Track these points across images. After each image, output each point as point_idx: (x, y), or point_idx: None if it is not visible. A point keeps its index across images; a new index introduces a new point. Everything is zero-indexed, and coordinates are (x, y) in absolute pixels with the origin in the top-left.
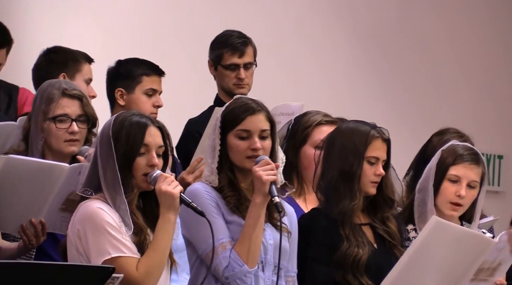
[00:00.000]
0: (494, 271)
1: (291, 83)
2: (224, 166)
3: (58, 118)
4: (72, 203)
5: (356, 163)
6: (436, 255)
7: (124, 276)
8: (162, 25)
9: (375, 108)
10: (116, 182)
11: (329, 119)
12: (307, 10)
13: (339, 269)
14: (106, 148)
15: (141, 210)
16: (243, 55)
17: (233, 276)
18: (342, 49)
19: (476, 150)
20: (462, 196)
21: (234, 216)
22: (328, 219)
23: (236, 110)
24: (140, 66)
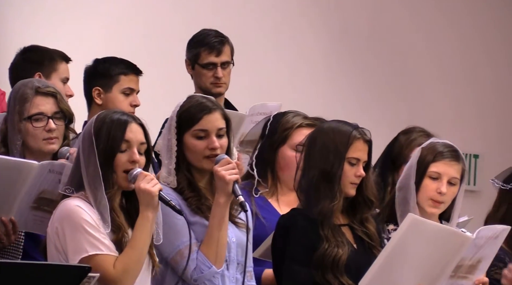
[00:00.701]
0: (474, 269)
1: (269, 82)
2: (182, 167)
3: (33, 117)
4: (44, 202)
5: (337, 163)
6: (414, 253)
7: (101, 274)
8: (139, 24)
9: (355, 108)
10: (97, 178)
11: (309, 122)
12: (288, 10)
13: (318, 269)
14: (88, 145)
15: (125, 209)
16: (220, 54)
17: (202, 278)
18: (322, 49)
19: (455, 148)
20: (443, 193)
21: (196, 217)
22: (307, 219)
23: (192, 109)
24: (117, 65)
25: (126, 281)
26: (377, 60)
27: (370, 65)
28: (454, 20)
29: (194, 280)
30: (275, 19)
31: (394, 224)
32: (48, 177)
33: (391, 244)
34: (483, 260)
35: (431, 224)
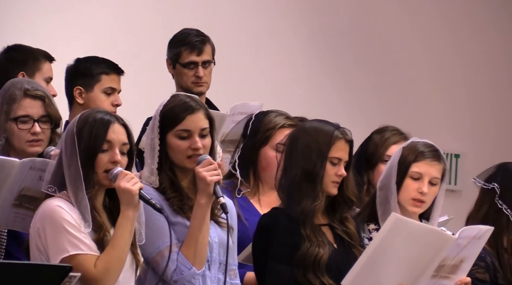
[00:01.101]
0: (456, 269)
1: (250, 82)
2: (164, 166)
3: (20, 119)
4: (25, 199)
5: (319, 163)
6: (397, 252)
7: (82, 273)
8: (120, 24)
9: (336, 108)
10: (78, 178)
11: (292, 123)
12: (268, 9)
13: (300, 268)
14: (70, 144)
15: (108, 209)
16: (201, 53)
17: (182, 279)
18: (303, 48)
19: (436, 147)
20: (424, 193)
21: (178, 217)
22: (289, 219)
23: (175, 109)
24: (99, 65)
25: (107, 280)
26: (357, 59)
27: (351, 64)
28: (433, 19)
29: (174, 281)
30: (256, 18)
31: (375, 223)
32: (30, 174)
33: (374, 243)
34: (465, 260)
35: (414, 223)
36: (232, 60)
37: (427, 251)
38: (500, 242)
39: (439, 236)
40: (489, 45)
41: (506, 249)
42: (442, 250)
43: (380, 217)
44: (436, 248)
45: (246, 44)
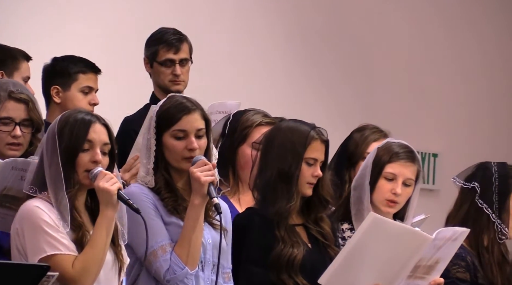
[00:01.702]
0: (431, 269)
1: (228, 80)
2: (160, 167)
3: (1, 120)
4: (7, 199)
5: (295, 164)
6: (374, 251)
7: (60, 273)
8: (97, 23)
9: (312, 107)
10: (58, 178)
11: (269, 120)
12: (249, 10)
13: (274, 269)
14: (51, 144)
15: (90, 209)
16: (178, 51)
17: (175, 279)
18: (282, 48)
19: (411, 148)
20: (398, 193)
21: (172, 218)
22: (263, 219)
23: (171, 109)
24: (76, 64)
25: (85, 280)
26: (335, 60)
27: (329, 65)
28: (409, 19)
29: (167, 281)
30: (233, 18)
31: (349, 223)
32: (11, 174)
33: (352, 242)
34: (441, 261)
35: (392, 223)
36: (209, 60)
37: (404, 251)
38: (480, 241)
39: (416, 236)
40: (465, 47)
41: (486, 248)
42: (418, 250)
43: (354, 216)
44: (413, 249)
45: (224, 44)
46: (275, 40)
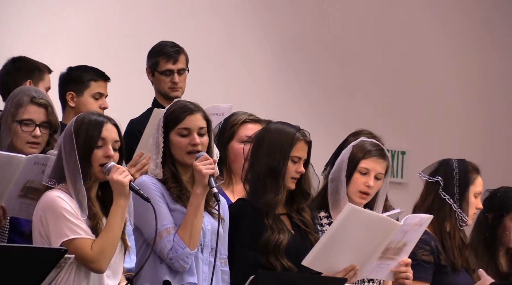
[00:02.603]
0: (400, 251)
1: (221, 87)
2: (167, 161)
3: (24, 121)
4: (30, 190)
5: (282, 161)
6: (350, 236)
7: (80, 255)
8: (106, 38)
9: (295, 111)
10: (76, 171)
11: (253, 118)
12: (237, 23)
13: (263, 252)
14: (68, 142)
15: (100, 199)
16: (176, 62)
17: (176, 257)
18: (267, 58)
19: (382, 146)
20: (370, 186)
21: (177, 205)
22: (254, 209)
23: (176, 111)
24: (88, 72)
25: (102, 260)
26: (314, 68)
27: (309, 74)
28: (380, 25)
29: (169, 259)
30: (228, 26)
31: (325, 211)
32: (34, 168)
33: (332, 229)
34: (408, 244)
35: (367, 212)
36: (204, 69)
37: (376, 236)
38: (443, 228)
39: (387, 223)
40: (434, 50)
41: (448, 234)
42: (389, 235)
43: (331, 205)
44: (384, 234)
45: (218, 54)
46: (261, 53)
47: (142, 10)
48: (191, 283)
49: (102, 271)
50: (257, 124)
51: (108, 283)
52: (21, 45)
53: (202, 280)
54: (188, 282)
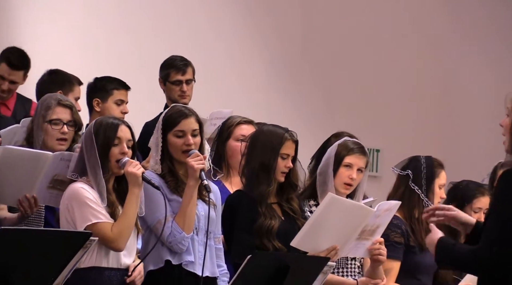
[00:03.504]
0: (374, 232)
1: (220, 95)
2: (165, 158)
3: (53, 121)
4: (57, 182)
5: (273, 158)
6: (331, 221)
7: (102, 236)
8: (127, 53)
9: (283, 114)
10: (96, 166)
11: (246, 120)
12: (234, 42)
13: (257, 236)
14: (89, 141)
15: (116, 190)
16: (185, 73)
17: (175, 241)
18: (259, 71)
19: (362, 144)
20: (354, 178)
21: (174, 196)
22: (249, 199)
23: (173, 115)
24: (112, 82)
25: (120, 241)
26: (306, 77)
27: (300, 81)
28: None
29: (169, 242)
30: (228, 44)
31: (314, 200)
32: (60, 164)
33: (315, 214)
34: (380, 226)
35: (345, 200)
36: (209, 79)
37: (353, 220)
38: (412, 214)
39: (363, 209)
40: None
41: (417, 219)
42: (364, 219)
43: (319, 195)
44: (360, 218)
45: (220, 64)
46: (254, 66)
47: (153, 31)
48: (189, 261)
49: (121, 250)
50: (250, 125)
51: (124, 261)
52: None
53: (198, 258)
54: (186, 260)
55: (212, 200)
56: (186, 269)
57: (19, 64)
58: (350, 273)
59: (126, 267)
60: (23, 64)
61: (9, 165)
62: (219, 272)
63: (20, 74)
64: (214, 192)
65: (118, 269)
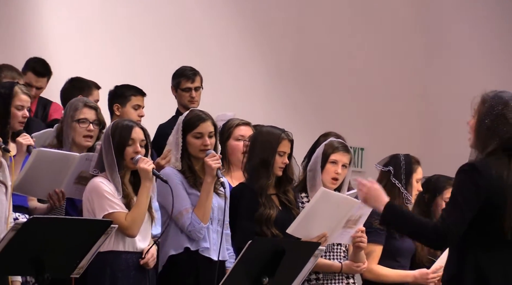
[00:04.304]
0: (357, 222)
1: (225, 99)
2: (185, 156)
3: (80, 120)
4: (82, 178)
5: (271, 155)
6: (322, 212)
7: (117, 224)
8: (143, 63)
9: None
10: (113, 164)
11: (244, 122)
12: (240, 56)
13: (257, 224)
14: (107, 142)
15: (132, 183)
16: (194, 81)
17: (194, 230)
18: (258, 80)
19: (346, 143)
20: (339, 173)
21: (192, 190)
22: (251, 191)
23: (192, 119)
24: (130, 90)
25: (134, 228)
26: (298, 85)
27: (294, 89)
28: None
29: (189, 231)
30: (231, 56)
31: (305, 193)
32: (85, 163)
33: (309, 205)
34: (362, 216)
35: (334, 194)
36: (214, 86)
37: (341, 211)
38: None
39: (349, 201)
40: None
41: None
42: (350, 210)
43: (309, 189)
44: (346, 209)
45: (224, 74)
46: (253, 76)
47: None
48: (205, 247)
49: (134, 236)
50: (247, 126)
51: (139, 245)
52: (78, 65)
53: (212, 244)
54: (203, 247)
55: (222, 192)
56: (202, 255)
57: (43, 71)
58: (337, 257)
59: (141, 250)
60: (47, 71)
61: (42, 164)
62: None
63: (45, 80)
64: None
65: (134, 253)
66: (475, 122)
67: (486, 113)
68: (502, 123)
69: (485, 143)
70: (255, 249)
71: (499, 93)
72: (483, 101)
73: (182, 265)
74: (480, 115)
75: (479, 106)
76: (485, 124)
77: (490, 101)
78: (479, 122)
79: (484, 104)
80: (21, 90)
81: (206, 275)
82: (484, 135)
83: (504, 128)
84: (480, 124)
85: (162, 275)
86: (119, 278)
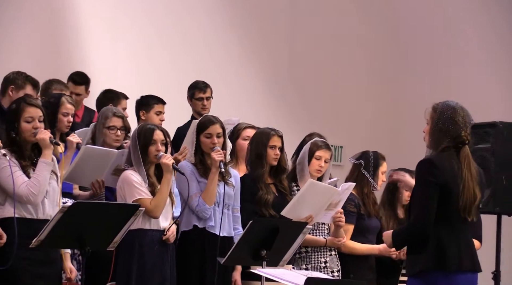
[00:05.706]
0: (336, 205)
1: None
2: (197, 152)
3: (110, 127)
4: (117, 170)
5: (264, 149)
6: (310, 198)
7: (144, 207)
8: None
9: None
10: (139, 160)
11: (250, 125)
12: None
13: (257, 205)
14: (134, 142)
15: (156, 175)
16: (205, 92)
17: (200, 211)
18: (257, 86)
19: (327, 143)
20: (322, 166)
21: (202, 179)
22: (251, 179)
23: (204, 122)
24: (153, 99)
25: (157, 211)
26: (288, 91)
27: (284, 95)
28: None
29: (197, 211)
30: (235, 67)
31: (295, 182)
32: (120, 158)
33: (299, 193)
34: (341, 201)
35: (320, 184)
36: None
37: (324, 197)
38: (363, 191)
39: (331, 190)
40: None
41: (366, 195)
42: (331, 196)
43: (299, 179)
44: (329, 196)
45: (227, 83)
46: (254, 85)
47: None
48: (210, 225)
49: (157, 217)
50: (253, 128)
51: (162, 224)
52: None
53: (217, 223)
54: (209, 225)
55: (231, 182)
56: (209, 231)
57: (80, 80)
58: (321, 233)
59: (163, 228)
60: (83, 80)
61: (87, 158)
62: (236, 233)
63: (82, 88)
64: (235, 176)
65: (158, 230)
66: (430, 126)
67: (438, 118)
68: (451, 124)
69: (439, 142)
70: (255, 227)
71: (446, 102)
72: (434, 110)
73: (192, 240)
74: (434, 120)
75: (431, 114)
76: (438, 127)
77: (440, 108)
78: (433, 125)
79: (435, 112)
80: (66, 100)
81: (211, 247)
82: (438, 135)
83: (453, 128)
84: (434, 127)
85: (177, 246)
86: (146, 251)
